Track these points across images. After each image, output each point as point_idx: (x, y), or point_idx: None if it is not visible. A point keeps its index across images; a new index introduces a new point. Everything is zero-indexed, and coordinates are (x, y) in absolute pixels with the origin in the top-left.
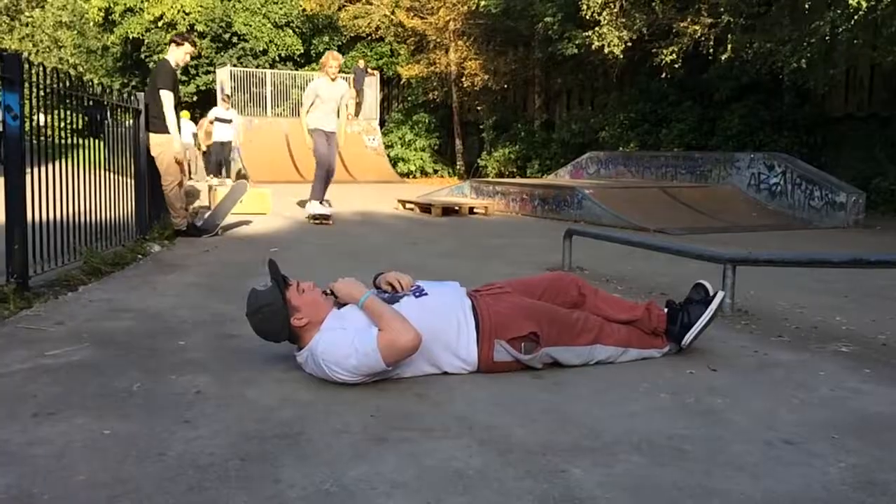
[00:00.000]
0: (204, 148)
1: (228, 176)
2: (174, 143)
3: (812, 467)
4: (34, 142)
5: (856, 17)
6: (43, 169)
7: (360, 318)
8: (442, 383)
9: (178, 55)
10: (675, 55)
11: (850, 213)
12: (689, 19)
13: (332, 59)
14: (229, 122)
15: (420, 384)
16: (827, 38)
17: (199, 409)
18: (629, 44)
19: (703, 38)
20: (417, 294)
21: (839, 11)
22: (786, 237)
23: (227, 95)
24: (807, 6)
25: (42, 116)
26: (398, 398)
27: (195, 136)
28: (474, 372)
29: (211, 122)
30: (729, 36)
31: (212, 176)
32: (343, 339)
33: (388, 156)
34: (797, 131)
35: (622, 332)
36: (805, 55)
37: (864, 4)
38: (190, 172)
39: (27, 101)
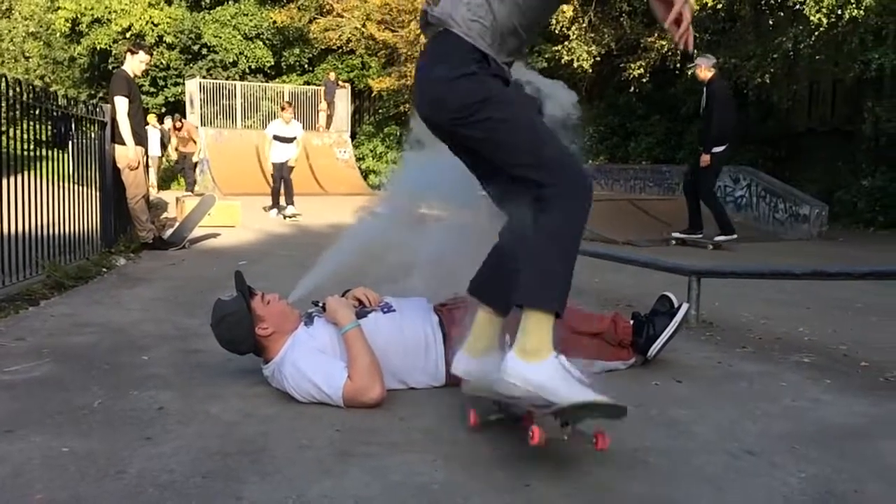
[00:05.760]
0: (174, 157)
1: (291, 203)
2: (128, 150)
3: (773, 478)
4: None
5: (817, 33)
6: (4, 181)
7: (328, 336)
8: (408, 397)
9: (133, 64)
10: (642, 70)
11: (814, 226)
12: (656, 34)
13: None
14: (291, 140)
15: (386, 398)
16: (790, 53)
17: (161, 426)
18: (598, 58)
19: (670, 53)
20: (385, 310)
21: (801, 28)
22: (751, 249)
23: (288, 102)
24: (770, 22)
25: None
26: (364, 413)
27: (163, 144)
28: (441, 386)
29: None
30: (695, 51)
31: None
32: (312, 367)
33: (360, 168)
34: (762, 145)
35: (588, 345)
36: (769, 70)
37: (825, 21)
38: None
39: None
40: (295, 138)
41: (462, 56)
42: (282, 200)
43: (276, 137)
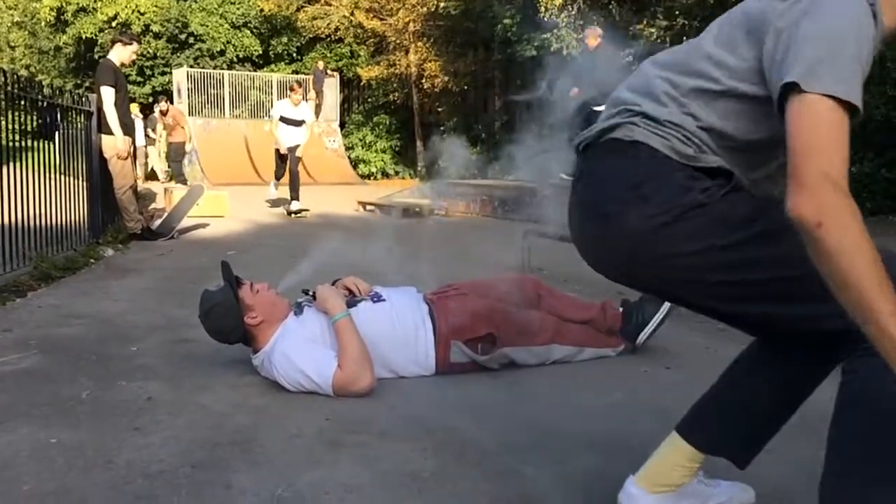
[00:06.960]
0: (161, 147)
1: (296, 198)
2: (116, 140)
3: (759, 463)
4: None
5: None
6: None
7: (318, 325)
8: (398, 386)
9: (123, 55)
10: (631, 57)
11: None
12: (645, 22)
13: None
14: (300, 123)
15: (376, 388)
16: None
17: (150, 416)
18: None
19: (658, 41)
20: (375, 299)
21: None
22: None
23: (298, 83)
24: None
25: None
26: (354, 402)
27: (146, 132)
28: (431, 375)
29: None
30: (684, 38)
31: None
32: (302, 356)
33: (349, 157)
34: None
35: (578, 332)
36: None
37: None
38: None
39: None
40: (304, 121)
41: (671, 183)
42: (278, 190)
43: (283, 119)
